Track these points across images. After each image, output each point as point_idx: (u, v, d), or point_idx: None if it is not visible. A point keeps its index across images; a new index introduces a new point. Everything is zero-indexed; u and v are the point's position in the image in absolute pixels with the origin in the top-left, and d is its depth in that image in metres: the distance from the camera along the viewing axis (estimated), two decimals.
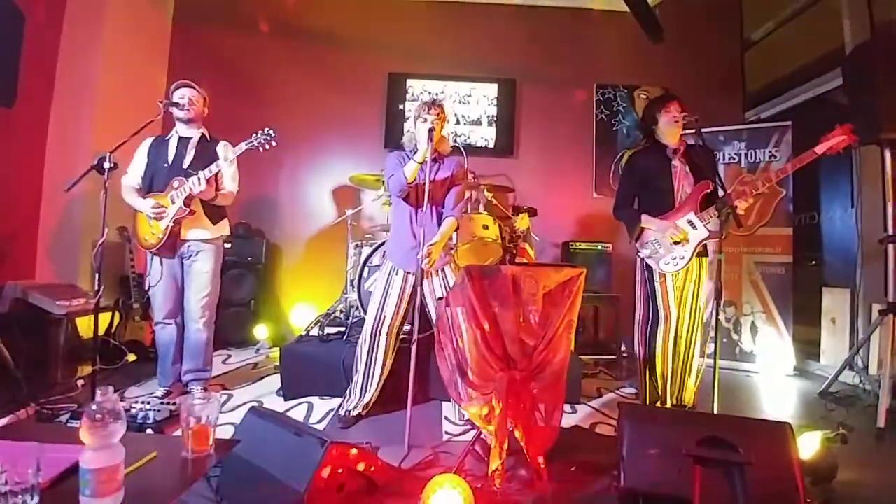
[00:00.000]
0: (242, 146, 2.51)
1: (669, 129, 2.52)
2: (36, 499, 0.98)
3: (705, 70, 4.62)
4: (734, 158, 4.07)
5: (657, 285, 2.54)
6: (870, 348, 3.16)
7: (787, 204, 3.87)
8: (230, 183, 2.69)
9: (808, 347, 3.84)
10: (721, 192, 2.30)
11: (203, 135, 2.69)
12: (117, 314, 3.45)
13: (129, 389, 2.82)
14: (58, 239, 3.56)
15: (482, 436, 1.92)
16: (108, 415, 1.03)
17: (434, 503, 1.41)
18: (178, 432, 1.43)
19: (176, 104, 2.57)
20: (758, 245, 3.94)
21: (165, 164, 2.58)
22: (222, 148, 2.66)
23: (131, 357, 3.32)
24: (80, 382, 2.80)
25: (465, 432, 2.40)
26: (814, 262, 4.02)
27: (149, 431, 2.12)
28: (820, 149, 2.30)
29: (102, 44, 3.82)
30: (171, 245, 2.57)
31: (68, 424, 2.15)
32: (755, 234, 3.92)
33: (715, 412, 2.12)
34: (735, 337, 3.95)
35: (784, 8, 4.27)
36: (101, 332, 2.97)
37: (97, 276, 2.28)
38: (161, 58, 4.52)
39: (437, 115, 2.35)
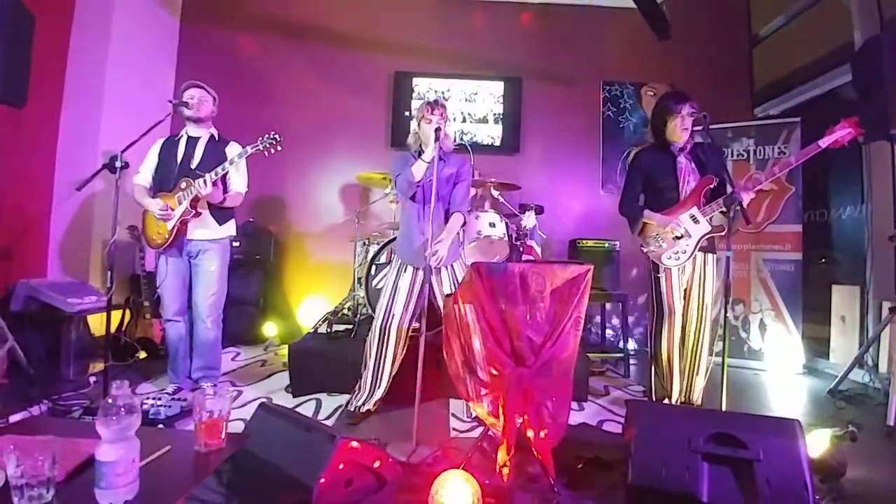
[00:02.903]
0: (248, 150, 2.52)
1: (679, 128, 2.49)
2: (52, 492, 1.00)
3: (713, 66, 4.59)
4: (743, 155, 4.04)
5: (662, 281, 2.53)
6: (880, 346, 3.14)
7: (797, 201, 3.84)
8: (239, 184, 2.71)
9: (818, 345, 3.81)
10: (729, 189, 2.28)
11: (212, 135, 2.70)
12: (128, 312, 3.49)
13: (140, 386, 2.85)
14: (69, 237, 3.60)
15: (490, 432, 1.92)
16: (123, 408, 1.05)
17: (443, 498, 1.41)
18: (191, 427, 1.45)
19: (185, 104, 2.58)
20: (767, 242, 3.92)
21: (174, 165, 2.60)
22: (231, 149, 2.68)
23: (142, 354, 3.37)
24: (92, 379, 2.83)
25: (472, 429, 2.41)
26: (823, 260, 3.99)
27: (160, 427, 2.14)
28: (824, 142, 2.27)
29: (111, 44, 3.86)
30: (178, 245, 2.60)
31: (81, 420, 2.18)
32: (764, 231, 3.90)
33: (723, 410, 2.11)
34: (744, 335, 3.93)
35: (792, 3, 4.24)
36: (113, 329, 3.00)
37: (109, 273, 2.32)
38: (169, 58, 4.56)
39: (441, 114, 2.38)
